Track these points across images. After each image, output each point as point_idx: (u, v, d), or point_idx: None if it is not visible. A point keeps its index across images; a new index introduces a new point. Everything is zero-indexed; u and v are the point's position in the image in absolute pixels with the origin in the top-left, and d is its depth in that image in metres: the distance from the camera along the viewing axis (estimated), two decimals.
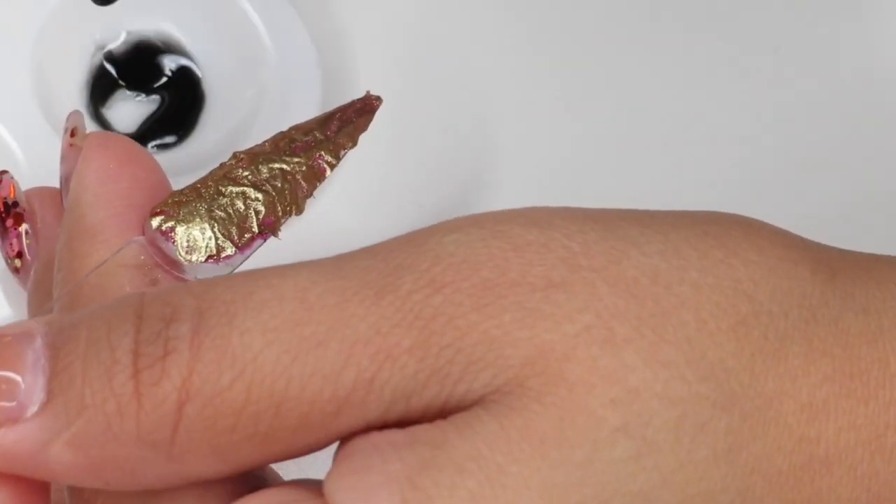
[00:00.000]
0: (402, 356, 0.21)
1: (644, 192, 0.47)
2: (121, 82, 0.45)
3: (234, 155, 0.28)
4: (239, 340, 0.21)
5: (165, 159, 0.44)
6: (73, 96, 0.44)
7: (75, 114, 0.29)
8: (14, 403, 0.21)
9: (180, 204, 0.27)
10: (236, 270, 0.27)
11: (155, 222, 0.27)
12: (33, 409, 0.21)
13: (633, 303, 0.22)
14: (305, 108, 0.28)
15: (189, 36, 0.45)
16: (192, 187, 0.28)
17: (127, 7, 0.45)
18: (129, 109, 0.45)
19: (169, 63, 0.45)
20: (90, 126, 0.44)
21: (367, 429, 0.21)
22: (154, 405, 0.21)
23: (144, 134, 0.44)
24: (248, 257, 0.27)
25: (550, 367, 0.21)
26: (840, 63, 0.50)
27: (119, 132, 0.44)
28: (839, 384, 0.23)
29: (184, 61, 0.45)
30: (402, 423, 0.21)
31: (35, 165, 0.41)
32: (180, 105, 0.45)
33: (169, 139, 0.45)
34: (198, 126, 0.45)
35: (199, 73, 0.45)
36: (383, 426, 0.21)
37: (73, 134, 0.28)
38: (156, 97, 0.45)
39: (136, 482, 0.22)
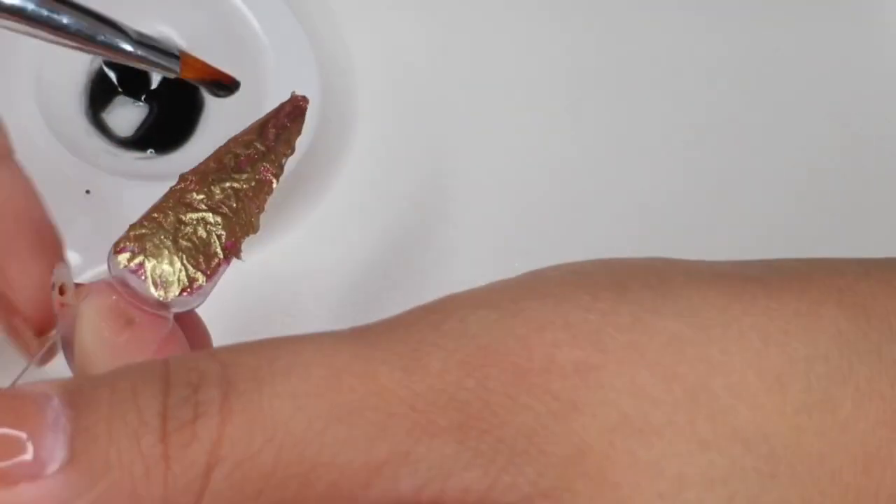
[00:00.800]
0: (441, 434, 0.21)
1: (643, 193, 0.47)
2: (119, 89, 0.45)
3: (182, 177, 0.28)
4: (269, 405, 0.21)
5: (165, 163, 0.44)
6: (73, 101, 0.44)
7: (60, 268, 0.28)
8: (32, 459, 0.20)
9: (143, 237, 0.27)
10: (206, 298, 0.27)
11: (122, 259, 0.26)
12: (53, 466, 0.20)
13: (662, 382, 0.21)
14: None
15: (188, 40, 0.45)
16: (150, 217, 0.27)
17: (126, 11, 0.45)
18: (129, 114, 0.45)
19: (138, 74, 0.45)
20: (89, 130, 0.44)
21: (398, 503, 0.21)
22: (183, 468, 0.20)
23: (143, 138, 0.44)
24: (216, 283, 0.27)
25: (592, 467, 0.21)
26: (840, 64, 0.50)
27: (119, 136, 0.44)
28: (893, 427, 0.22)
29: None
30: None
31: (35, 170, 0.41)
32: (179, 110, 0.45)
33: (168, 144, 0.45)
34: (197, 130, 0.45)
35: None
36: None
37: (61, 292, 0.27)
38: (154, 103, 0.45)
39: None
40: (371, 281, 0.45)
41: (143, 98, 0.45)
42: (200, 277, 0.27)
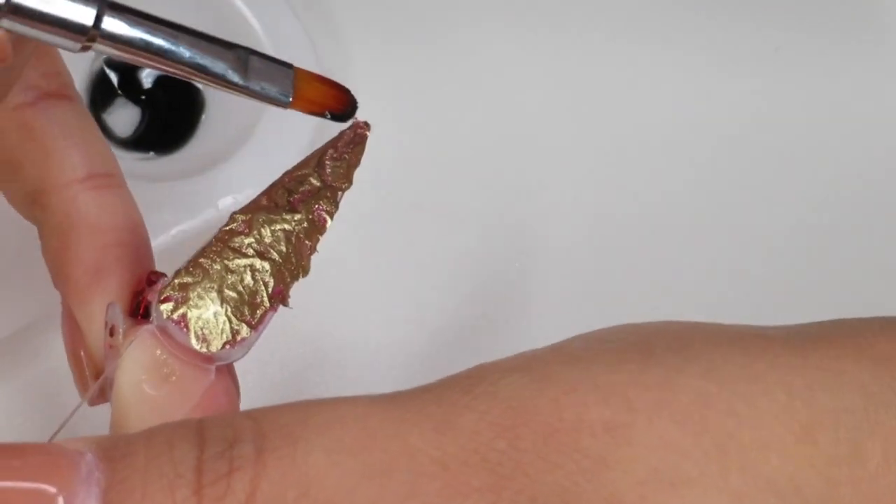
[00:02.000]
0: (473, 495, 0.21)
1: (642, 194, 0.47)
2: (118, 91, 0.45)
3: (232, 217, 0.27)
4: (304, 461, 0.21)
5: (166, 164, 0.44)
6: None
7: (114, 308, 0.27)
8: None
9: (188, 286, 0.26)
10: (251, 348, 0.27)
11: (165, 309, 0.26)
12: None
13: (691, 436, 0.21)
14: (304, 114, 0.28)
15: None
16: (196, 263, 0.26)
17: None
18: (130, 115, 0.45)
19: (146, 72, 0.45)
20: None
21: None
22: None
23: (144, 139, 0.44)
24: (262, 334, 0.26)
25: None
26: (840, 65, 0.50)
27: (120, 137, 0.44)
28: None
29: None
30: None
31: None
32: (180, 111, 0.45)
33: (169, 145, 0.45)
34: (198, 131, 0.45)
35: None
36: None
37: (111, 333, 0.27)
38: (154, 103, 0.45)
39: None
40: (364, 286, 0.45)
41: (142, 99, 0.45)
42: (244, 330, 0.26)
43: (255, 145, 0.43)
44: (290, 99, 0.26)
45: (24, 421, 0.40)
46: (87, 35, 0.23)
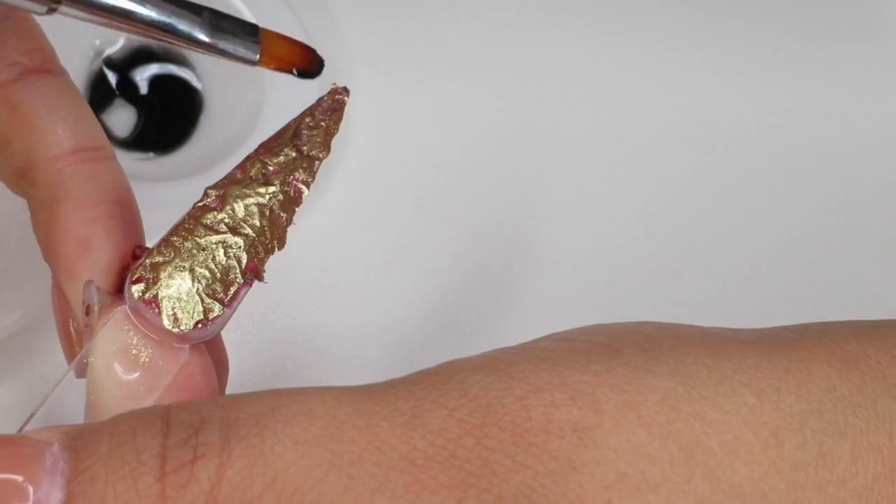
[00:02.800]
0: (441, 491, 0.21)
1: (642, 195, 0.47)
2: (116, 92, 0.45)
3: (206, 193, 0.27)
4: (271, 450, 0.21)
5: (166, 164, 0.44)
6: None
7: (90, 287, 0.27)
8: (30, 502, 0.20)
9: (159, 266, 0.26)
10: (225, 325, 0.26)
11: (136, 291, 0.26)
12: None
13: (658, 440, 0.21)
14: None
15: None
16: (168, 242, 0.26)
17: None
18: (129, 116, 0.45)
19: (145, 73, 0.45)
20: None
21: None
22: None
23: (144, 140, 0.44)
24: (236, 310, 0.26)
25: None
26: (840, 66, 0.50)
27: (119, 138, 0.44)
28: (892, 481, 0.22)
29: (169, 68, 0.45)
30: None
31: None
32: (179, 111, 0.45)
33: (168, 145, 0.45)
34: (196, 131, 0.45)
35: (197, 77, 0.45)
36: None
37: (87, 312, 0.27)
38: (153, 104, 0.45)
39: None
40: (361, 282, 0.45)
41: (140, 100, 0.45)
42: (217, 308, 0.26)
43: (252, 144, 0.43)
44: (258, 56, 0.25)
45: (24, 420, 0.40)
46: None
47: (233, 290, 0.26)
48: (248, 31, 0.25)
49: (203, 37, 0.25)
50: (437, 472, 0.21)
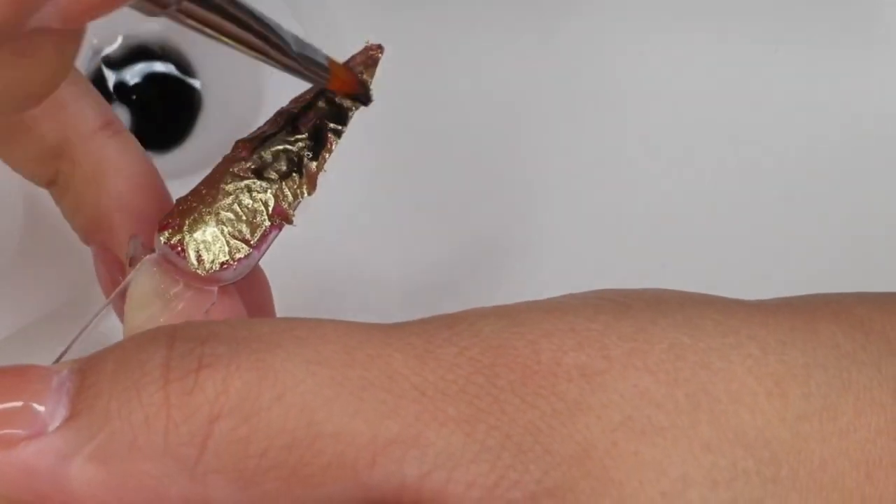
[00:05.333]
0: (450, 423, 0.21)
1: (644, 190, 0.47)
2: (114, 91, 0.45)
3: (236, 144, 0.27)
4: (282, 366, 0.21)
5: (165, 163, 0.44)
6: None
7: (135, 241, 0.28)
8: (34, 420, 0.21)
9: (185, 212, 0.26)
10: (254, 265, 0.27)
11: (163, 237, 0.26)
12: (55, 424, 0.21)
13: (664, 385, 0.22)
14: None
15: (185, 39, 0.45)
16: (195, 191, 0.27)
17: (123, 10, 0.45)
18: (127, 114, 0.45)
19: (144, 72, 0.45)
20: None
21: (401, 491, 0.21)
22: (184, 416, 0.20)
23: (143, 138, 0.44)
24: (265, 252, 0.26)
25: (596, 466, 0.21)
26: (840, 66, 0.50)
27: None
28: (894, 437, 0.22)
29: (168, 67, 0.45)
30: (440, 496, 0.21)
31: None
32: (178, 109, 0.45)
33: (167, 143, 0.45)
34: (195, 130, 0.45)
35: (195, 76, 0.45)
36: (418, 495, 0.21)
37: (131, 264, 0.27)
38: (151, 103, 0.45)
39: None
40: (367, 281, 0.45)
41: (138, 99, 0.45)
42: (243, 249, 0.26)
43: None
44: (328, 77, 0.26)
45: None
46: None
47: (259, 231, 0.26)
48: (321, 57, 0.26)
49: (292, 49, 0.25)
50: (446, 405, 0.21)
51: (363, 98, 0.27)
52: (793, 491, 0.21)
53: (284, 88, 0.44)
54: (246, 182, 0.27)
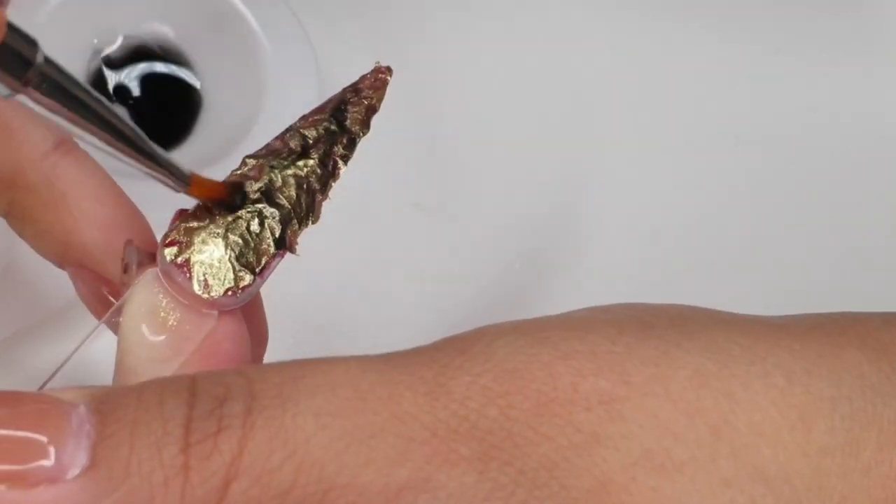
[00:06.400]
0: (462, 463, 0.21)
1: (651, 195, 0.47)
2: (114, 91, 0.45)
3: (244, 161, 0.27)
4: (292, 422, 0.21)
5: None
6: None
7: (130, 249, 0.27)
8: (53, 463, 0.20)
9: (193, 231, 0.26)
10: (255, 293, 0.26)
11: (168, 253, 0.26)
12: (74, 471, 0.20)
13: (685, 416, 0.21)
14: (303, 111, 0.28)
15: (188, 39, 0.45)
16: (203, 207, 0.26)
17: (126, 10, 0.45)
18: (127, 115, 0.45)
19: (144, 73, 0.45)
20: None
21: None
22: (202, 480, 0.20)
23: None
24: (266, 280, 0.26)
25: (613, 501, 0.21)
26: (840, 66, 0.50)
27: None
28: None
29: (168, 67, 0.45)
30: None
31: None
32: (177, 109, 0.45)
33: (167, 143, 0.45)
34: (195, 130, 0.45)
35: (195, 76, 0.45)
36: None
37: (125, 270, 0.27)
38: (150, 103, 0.45)
39: None
40: (366, 284, 0.45)
41: (136, 99, 0.45)
42: (247, 277, 0.26)
43: (251, 144, 0.43)
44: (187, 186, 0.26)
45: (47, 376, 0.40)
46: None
47: (265, 259, 0.26)
48: (183, 174, 0.26)
49: (150, 149, 0.25)
50: (458, 444, 0.21)
51: (230, 203, 0.26)
52: None
53: (284, 89, 0.44)
54: (257, 206, 0.26)
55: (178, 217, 0.26)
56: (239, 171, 0.26)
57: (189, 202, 0.27)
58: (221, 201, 0.26)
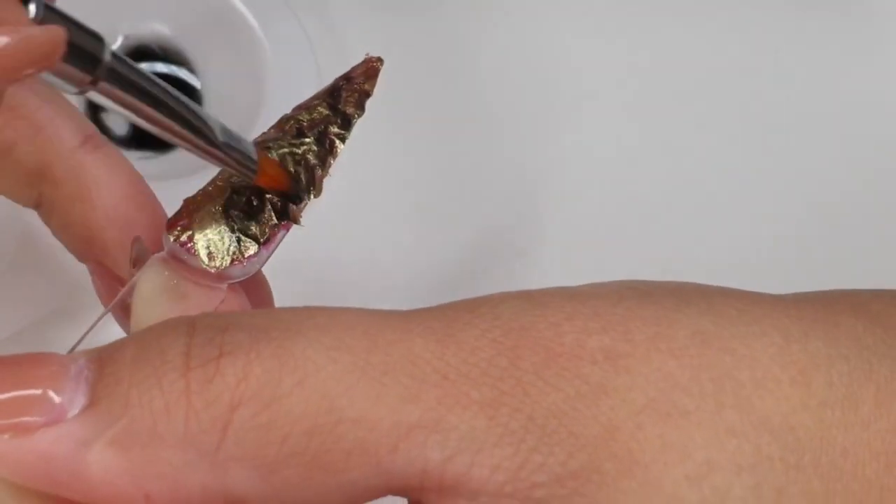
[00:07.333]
0: (472, 406, 0.21)
1: (643, 189, 0.47)
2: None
3: None
4: (302, 353, 0.21)
5: (165, 163, 0.44)
6: (72, 100, 0.44)
7: (139, 244, 0.28)
8: (53, 407, 0.20)
9: (193, 210, 0.26)
10: (263, 264, 0.27)
11: (172, 235, 0.26)
12: (74, 411, 0.20)
13: (688, 370, 0.21)
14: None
15: (188, 39, 0.45)
16: (203, 191, 0.27)
17: (126, 11, 0.45)
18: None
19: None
20: None
21: (423, 476, 0.20)
22: (205, 404, 0.20)
23: (143, 138, 0.44)
24: (273, 251, 0.27)
25: (621, 448, 0.21)
26: (841, 65, 0.50)
27: (118, 136, 0.44)
28: None
29: (168, 67, 0.45)
30: (463, 480, 0.20)
31: None
32: None
33: (167, 143, 0.44)
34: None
35: (195, 76, 0.45)
36: (440, 480, 0.20)
37: (134, 265, 0.27)
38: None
39: (175, 494, 0.21)
40: (367, 282, 0.45)
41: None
42: (252, 246, 0.26)
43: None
44: (256, 170, 0.26)
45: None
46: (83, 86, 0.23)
47: (268, 230, 0.26)
48: (249, 149, 0.26)
49: (217, 137, 0.25)
50: (469, 388, 0.21)
51: (293, 196, 0.27)
52: (815, 478, 0.21)
53: (284, 89, 0.44)
54: None
55: (183, 204, 0.27)
56: None
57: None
58: (285, 192, 0.27)
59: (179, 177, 0.42)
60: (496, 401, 0.21)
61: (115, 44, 0.45)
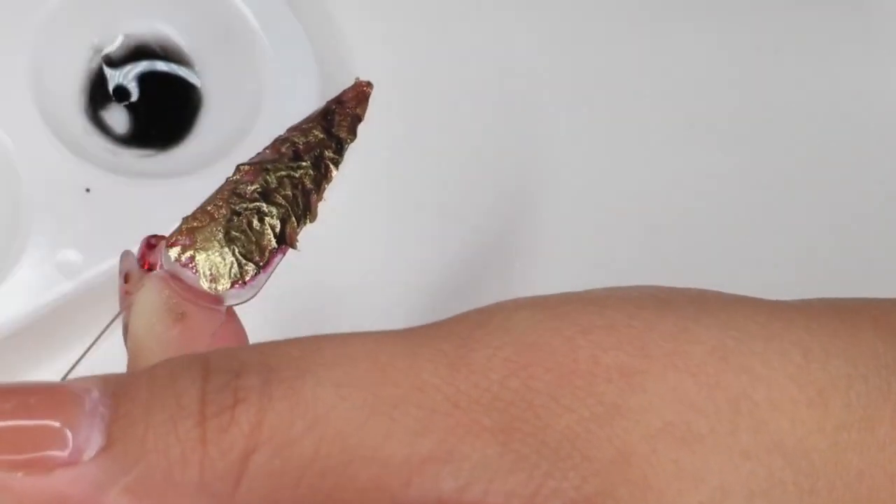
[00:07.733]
0: (484, 434, 0.20)
1: (645, 189, 0.47)
2: (114, 90, 0.45)
3: (238, 168, 0.27)
4: (312, 393, 0.20)
5: (165, 161, 0.44)
6: (72, 99, 0.44)
7: (128, 256, 0.27)
8: (68, 451, 0.20)
9: (195, 230, 0.26)
10: (260, 290, 0.27)
11: (173, 253, 0.26)
12: (90, 452, 0.20)
13: (705, 389, 0.21)
14: (304, 110, 0.28)
15: (186, 38, 0.45)
16: (203, 210, 0.27)
17: (126, 11, 0.45)
18: (128, 113, 0.45)
19: (145, 71, 0.45)
20: (89, 129, 0.44)
21: None
22: (220, 453, 0.20)
23: (143, 136, 0.44)
24: (271, 275, 0.27)
25: (636, 473, 0.20)
26: (841, 65, 0.50)
27: (118, 135, 0.44)
28: None
29: (169, 66, 0.45)
30: None
31: (34, 169, 0.42)
32: (178, 107, 0.45)
33: (167, 141, 0.45)
34: (196, 128, 0.45)
35: (196, 74, 0.45)
36: None
37: (126, 279, 0.27)
38: (151, 101, 0.45)
39: None
40: (369, 283, 0.45)
41: (138, 98, 0.45)
42: (252, 269, 0.26)
43: (251, 144, 0.43)
44: None
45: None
46: None
47: (267, 253, 0.27)
48: None
49: None
50: (480, 415, 0.20)
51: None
52: (830, 503, 0.21)
53: (284, 88, 0.44)
54: (255, 204, 0.27)
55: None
56: (234, 177, 0.27)
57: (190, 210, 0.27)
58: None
59: (181, 176, 0.42)
60: (508, 426, 0.20)
61: (116, 42, 0.45)
